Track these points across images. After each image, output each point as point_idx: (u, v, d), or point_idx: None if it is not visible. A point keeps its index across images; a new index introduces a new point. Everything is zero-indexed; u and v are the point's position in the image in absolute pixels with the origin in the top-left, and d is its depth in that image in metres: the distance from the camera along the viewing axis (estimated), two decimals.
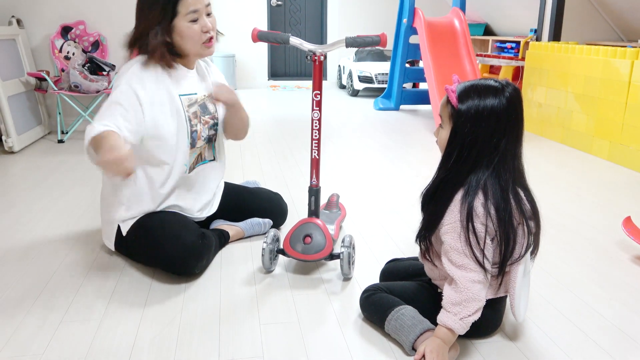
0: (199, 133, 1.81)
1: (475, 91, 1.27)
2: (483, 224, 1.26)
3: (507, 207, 1.28)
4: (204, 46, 1.74)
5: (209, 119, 1.86)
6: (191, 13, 1.67)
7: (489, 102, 1.25)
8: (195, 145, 1.80)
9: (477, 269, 1.26)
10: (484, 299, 1.27)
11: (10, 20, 3.70)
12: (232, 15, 6.90)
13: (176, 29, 1.68)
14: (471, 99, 1.26)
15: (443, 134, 1.33)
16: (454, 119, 1.28)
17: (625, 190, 2.77)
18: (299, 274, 1.78)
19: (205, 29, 1.71)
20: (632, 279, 1.77)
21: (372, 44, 1.76)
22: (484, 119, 1.25)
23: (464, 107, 1.26)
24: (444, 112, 1.32)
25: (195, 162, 1.85)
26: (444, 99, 1.33)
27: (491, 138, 1.25)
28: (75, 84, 3.57)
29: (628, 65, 3.16)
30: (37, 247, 1.98)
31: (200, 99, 1.84)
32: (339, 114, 5.09)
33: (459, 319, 1.26)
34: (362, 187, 2.76)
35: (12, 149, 3.32)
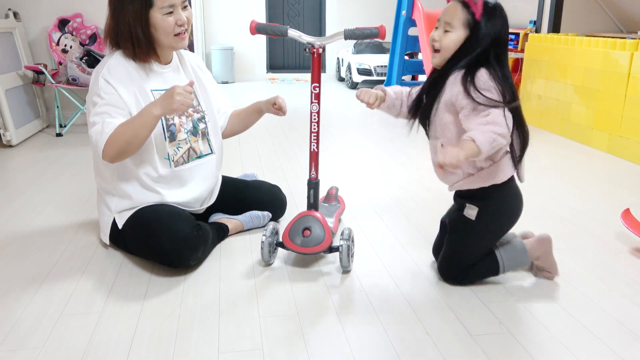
0: (178, 126, 1.80)
1: (493, 9, 1.48)
2: (491, 86, 1.45)
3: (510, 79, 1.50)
4: (177, 38, 1.73)
5: (192, 111, 1.87)
6: (166, 7, 1.67)
7: (499, 22, 1.48)
8: (175, 138, 1.79)
9: (501, 121, 1.40)
10: (507, 134, 1.41)
11: (7, 13, 3.68)
12: (231, 8, 6.87)
13: (151, 20, 1.67)
14: (493, 18, 1.47)
15: (454, 38, 1.49)
16: (474, 30, 1.47)
17: (625, 183, 2.77)
18: (298, 267, 1.78)
19: (180, 22, 1.71)
20: (632, 271, 1.77)
21: (371, 36, 1.75)
22: (496, 35, 1.48)
23: (487, 25, 1.46)
24: (457, 18, 1.48)
25: (187, 156, 1.84)
26: (457, 4, 1.48)
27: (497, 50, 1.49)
28: (73, 77, 3.56)
29: (627, 56, 3.15)
30: (36, 240, 1.97)
31: None
32: (338, 106, 5.08)
33: (482, 131, 1.38)
34: (361, 179, 2.76)
35: (10, 142, 3.32)
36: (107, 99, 1.64)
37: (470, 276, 1.65)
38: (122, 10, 1.66)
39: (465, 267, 1.63)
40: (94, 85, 1.68)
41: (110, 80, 1.66)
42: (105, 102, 1.64)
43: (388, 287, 1.66)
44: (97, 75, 1.68)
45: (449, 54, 1.51)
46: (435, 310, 1.52)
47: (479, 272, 1.65)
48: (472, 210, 1.61)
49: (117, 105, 1.65)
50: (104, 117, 1.63)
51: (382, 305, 1.55)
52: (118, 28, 1.68)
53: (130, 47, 1.69)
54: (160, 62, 1.80)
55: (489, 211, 1.60)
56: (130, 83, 1.70)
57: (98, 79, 1.67)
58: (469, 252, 1.63)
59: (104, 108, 1.63)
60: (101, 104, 1.64)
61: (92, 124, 1.64)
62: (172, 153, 1.79)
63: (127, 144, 1.61)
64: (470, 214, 1.61)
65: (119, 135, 1.60)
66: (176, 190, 1.83)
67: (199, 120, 1.88)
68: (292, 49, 7.37)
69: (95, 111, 1.64)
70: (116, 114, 1.64)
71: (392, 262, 1.82)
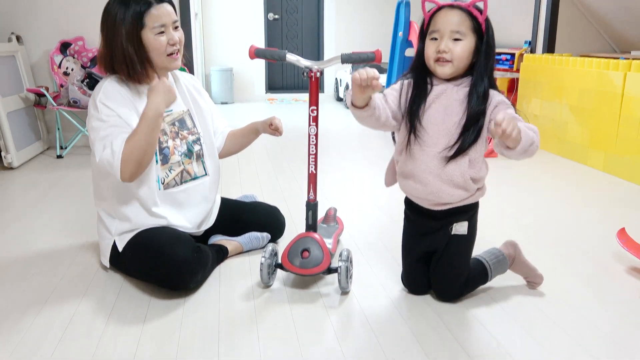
0: (172, 149, 1.82)
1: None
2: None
3: None
4: (170, 58, 1.76)
5: (187, 134, 1.89)
6: (158, 26, 1.70)
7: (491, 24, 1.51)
8: (167, 161, 1.81)
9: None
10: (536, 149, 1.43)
11: (10, 37, 3.73)
12: (230, 29, 6.96)
13: (143, 41, 1.71)
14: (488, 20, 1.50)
15: (466, 46, 1.47)
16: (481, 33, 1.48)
17: (621, 202, 2.79)
18: (297, 288, 1.79)
19: (172, 41, 1.74)
20: (628, 290, 1.79)
21: (367, 60, 1.79)
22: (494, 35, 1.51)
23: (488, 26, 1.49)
24: (465, 25, 1.47)
25: (180, 179, 1.86)
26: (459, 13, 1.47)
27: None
28: (74, 100, 3.60)
29: (621, 77, 3.20)
30: (37, 263, 1.99)
31: (178, 115, 1.87)
32: (336, 126, 5.12)
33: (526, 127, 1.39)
34: (359, 200, 2.78)
35: (11, 164, 3.34)
36: (108, 121, 1.67)
37: (465, 292, 1.70)
38: (115, 34, 1.69)
39: (465, 281, 1.67)
40: (93, 111, 1.70)
41: (108, 104, 1.68)
42: (107, 124, 1.66)
43: (386, 308, 1.67)
44: (94, 101, 1.71)
45: (462, 62, 1.49)
46: (434, 332, 1.53)
47: (473, 282, 1.70)
48: (462, 226, 1.62)
49: (119, 125, 1.67)
50: (111, 139, 1.65)
51: (380, 327, 1.56)
52: (112, 52, 1.71)
53: (125, 70, 1.72)
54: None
55: (473, 220, 1.65)
56: (126, 103, 1.72)
57: (96, 104, 1.69)
58: (466, 266, 1.67)
59: (107, 131, 1.66)
60: (104, 127, 1.66)
61: (101, 149, 1.65)
62: (163, 176, 1.81)
63: (142, 153, 1.64)
64: (460, 230, 1.62)
65: (130, 149, 1.62)
66: (172, 212, 1.84)
67: (194, 142, 1.91)
68: (291, 69, 7.45)
69: (99, 136, 1.66)
70: (120, 134, 1.66)
71: (390, 283, 1.83)
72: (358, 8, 7.20)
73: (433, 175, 1.55)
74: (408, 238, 1.74)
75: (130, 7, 1.68)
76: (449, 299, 1.68)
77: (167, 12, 1.73)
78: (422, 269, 1.71)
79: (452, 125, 1.52)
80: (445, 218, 1.62)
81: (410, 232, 1.74)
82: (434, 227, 1.65)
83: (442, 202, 1.58)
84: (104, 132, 1.66)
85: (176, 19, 1.77)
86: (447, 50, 1.47)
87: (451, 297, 1.68)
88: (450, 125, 1.52)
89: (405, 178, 1.64)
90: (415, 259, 1.71)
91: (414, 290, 1.74)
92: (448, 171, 1.53)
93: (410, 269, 1.74)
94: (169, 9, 1.75)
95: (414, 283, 1.74)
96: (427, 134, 1.54)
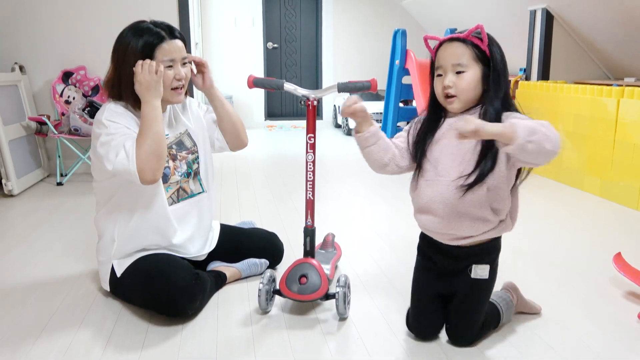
0: (172, 169, 1.85)
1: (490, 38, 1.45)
2: None
3: None
4: (173, 92, 1.79)
5: (187, 154, 1.91)
6: (167, 61, 1.74)
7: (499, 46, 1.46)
8: (167, 180, 1.84)
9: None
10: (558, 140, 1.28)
11: (13, 67, 3.80)
12: (230, 58, 7.06)
13: None
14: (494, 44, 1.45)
15: (470, 77, 1.42)
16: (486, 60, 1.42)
17: (617, 226, 2.80)
18: (295, 314, 1.79)
19: (179, 76, 1.77)
20: (625, 315, 1.79)
21: (363, 89, 1.82)
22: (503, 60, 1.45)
23: (494, 51, 1.43)
24: (465, 56, 1.42)
25: (177, 196, 1.88)
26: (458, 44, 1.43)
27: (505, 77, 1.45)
28: (75, 128, 3.64)
29: (614, 103, 3.25)
30: (36, 289, 1.99)
31: (175, 138, 1.90)
32: (334, 152, 5.17)
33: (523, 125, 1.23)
34: (357, 226, 2.79)
35: (12, 192, 3.36)
36: (118, 132, 1.67)
37: (480, 336, 1.60)
38: (125, 60, 1.72)
39: (481, 325, 1.58)
40: (100, 128, 1.69)
41: (114, 119, 1.70)
42: (118, 135, 1.66)
43: (385, 334, 1.67)
44: (99, 121, 1.71)
45: (469, 94, 1.43)
46: (432, 358, 1.53)
47: (487, 327, 1.61)
48: (483, 270, 1.51)
49: (129, 134, 1.68)
50: (124, 143, 1.64)
51: (378, 353, 1.55)
52: (120, 78, 1.74)
53: (130, 96, 1.75)
54: None
55: (495, 263, 1.55)
56: (131, 122, 1.74)
57: (102, 122, 1.69)
58: (483, 311, 1.57)
59: (118, 139, 1.65)
60: (115, 138, 1.65)
61: (114, 156, 1.63)
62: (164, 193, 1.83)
63: (157, 147, 1.65)
64: (481, 274, 1.51)
65: (143, 148, 1.62)
66: (171, 231, 1.85)
67: (193, 161, 1.94)
68: (290, 97, 7.54)
69: (112, 146, 1.65)
70: (131, 139, 1.66)
71: (388, 309, 1.84)
72: (355, 37, 7.33)
73: (450, 206, 1.45)
74: (422, 277, 1.62)
75: (143, 37, 1.72)
76: (464, 345, 1.58)
77: (177, 48, 1.76)
78: (435, 312, 1.59)
79: (466, 151, 1.44)
80: (466, 259, 1.51)
81: (424, 271, 1.62)
82: (452, 269, 1.55)
83: (462, 235, 1.48)
84: (115, 142, 1.65)
85: (185, 55, 1.80)
86: (452, 84, 1.43)
87: (467, 343, 1.58)
88: (464, 151, 1.44)
89: (421, 213, 1.55)
90: (429, 300, 1.59)
91: (421, 334, 1.61)
92: (465, 201, 1.43)
93: (421, 311, 1.61)
94: (180, 45, 1.78)
95: (424, 327, 1.61)
96: (441, 163, 1.48)
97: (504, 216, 1.49)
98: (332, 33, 7.30)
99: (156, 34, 1.73)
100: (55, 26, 3.92)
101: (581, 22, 4.62)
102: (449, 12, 6.33)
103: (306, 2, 7.34)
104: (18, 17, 3.87)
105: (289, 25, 7.39)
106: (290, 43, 7.44)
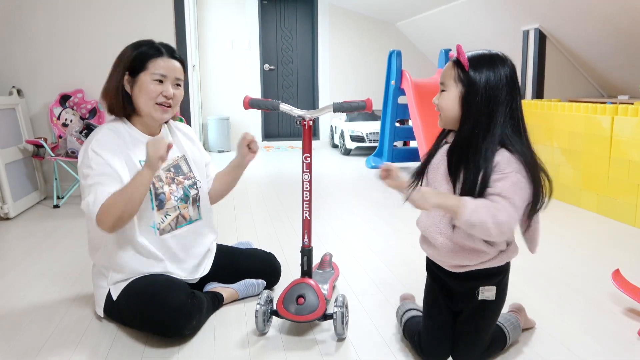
0: (168, 194, 1.83)
1: (487, 59, 1.41)
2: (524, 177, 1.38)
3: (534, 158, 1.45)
4: (157, 107, 1.78)
5: (183, 179, 1.91)
6: (158, 74, 1.75)
7: (500, 71, 1.40)
8: (163, 206, 1.82)
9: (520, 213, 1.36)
10: (502, 233, 1.31)
11: (11, 91, 3.82)
12: (227, 80, 7.12)
13: (138, 81, 1.76)
14: (483, 66, 1.40)
15: (449, 97, 1.43)
16: (465, 82, 1.40)
17: (615, 242, 2.80)
18: (293, 335, 1.77)
19: (166, 93, 1.77)
20: (625, 332, 1.78)
21: (358, 109, 1.83)
22: (497, 85, 1.39)
23: (478, 74, 1.39)
24: (448, 76, 1.43)
25: (175, 223, 1.86)
26: (449, 64, 1.45)
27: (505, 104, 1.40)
28: (72, 150, 3.65)
29: (609, 120, 3.28)
30: (31, 312, 1.97)
31: (173, 161, 1.90)
32: (332, 172, 5.18)
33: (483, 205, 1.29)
34: (355, 245, 2.78)
35: (8, 215, 3.35)
36: (97, 169, 1.67)
37: (486, 353, 1.57)
38: (117, 68, 1.77)
39: (486, 347, 1.56)
40: (84, 157, 1.72)
41: (98, 151, 1.69)
42: (96, 172, 1.67)
43: (384, 354, 1.65)
44: (86, 147, 1.72)
45: (449, 113, 1.44)
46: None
47: (494, 349, 1.59)
48: (490, 292, 1.50)
49: (108, 174, 1.68)
50: (97, 187, 1.65)
51: None
52: (110, 85, 1.78)
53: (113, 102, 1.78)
54: (145, 132, 1.84)
55: (503, 284, 1.54)
56: (119, 152, 1.74)
57: (87, 150, 1.71)
58: (489, 332, 1.55)
59: (95, 179, 1.66)
60: (92, 175, 1.67)
61: (86, 195, 1.67)
62: (159, 221, 1.81)
63: (124, 207, 1.62)
64: (488, 295, 1.50)
65: (113, 201, 1.62)
66: (167, 257, 1.84)
67: (190, 186, 1.93)
68: (286, 118, 7.58)
69: (87, 183, 1.67)
70: (108, 182, 1.66)
71: (387, 329, 1.82)
72: (351, 58, 7.41)
73: (444, 236, 1.47)
74: (432, 296, 1.61)
75: (141, 48, 1.76)
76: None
77: (172, 67, 1.78)
78: (448, 329, 1.56)
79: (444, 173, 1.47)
80: (472, 280, 1.50)
81: (435, 290, 1.60)
82: (460, 289, 1.54)
83: (461, 264, 1.48)
84: (91, 180, 1.67)
85: (180, 77, 1.81)
86: (436, 102, 1.48)
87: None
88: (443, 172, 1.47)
89: (422, 241, 1.58)
90: (442, 318, 1.57)
91: (434, 354, 1.56)
92: (458, 232, 1.43)
93: (433, 331, 1.57)
94: (176, 65, 1.79)
95: (436, 346, 1.56)
96: (430, 183, 1.51)
97: (503, 247, 1.48)
98: (328, 54, 7.37)
99: (155, 48, 1.77)
100: (52, 49, 3.95)
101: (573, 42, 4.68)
102: (443, 33, 6.42)
103: (302, 24, 7.44)
104: (16, 40, 3.90)
105: (285, 47, 7.46)
106: (287, 65, 7.51)
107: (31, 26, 3.91)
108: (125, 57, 1.78)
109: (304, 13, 7.40)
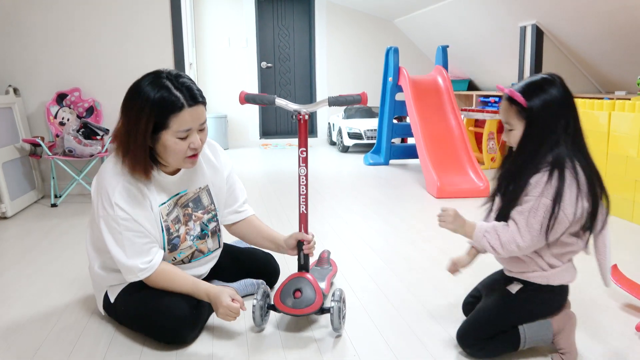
0: (183, 236, 1.77)
1: (537, 87, 1.43)
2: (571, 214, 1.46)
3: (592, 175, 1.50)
4: (187, 160, 1.65)
5: (202, 213, 1.83)
6: (182, 131, 1.58)
7: (552, 92, 1.42)
8: (176, 248, 1.77)
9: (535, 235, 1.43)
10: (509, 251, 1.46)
11: (8, 90, 3.81)
12: (224, 77, 7.11)
13: (162, 140, 1.59)
14: (537, 95, 1.42)
15: (517, 134, 1.47)
16: (527, 115, 1.43)
17: (613, 238, 2.79)
18: (291, 332, 1.77)
19: (193, 145, 1.62)
20: (623, 327, 1.78)
21: (354, 103, 1.83)
22: (554, 108, 1.42)
23: (534, 103, 1.42)
24: (511, 115, 1.46)
25: (191, 257, 1.83)
26: (505, 103, 1.48)
27: (564, 122, 1.43)
28: (69, 149, 3.64)
29: (606, 116, 3.28)
30: (29, 311, 1.96)
31: (193, 194, 1.81)
32: (330, 170, 5.18)
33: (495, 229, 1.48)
34: (353, 242, 2.78)
35: (5, 214, 3.34)
36: (124, 225, 1.61)
37: (486, 349, 1.55)
38: (137, 123, 1.55)
39: (484, 338, 1.54)
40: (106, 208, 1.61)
41: (123, 206, 1.60)
42: (123, 228, 1.61)
43: (381, 350, 1.65)
44: (108, 197, 1.60)
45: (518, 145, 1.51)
46: None
47: (497, 346, 1.55)
48: (515, 286, 1.56)
49: (137, 230, 1.63)
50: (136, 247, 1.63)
51: None
52: (129, 139, 1.58)
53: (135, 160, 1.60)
54: (168, 172, 1.73)
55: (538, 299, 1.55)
56: (139, 204, 1.64)
57: (111, 202, 1.60)
58: (493, 323, 1.54)
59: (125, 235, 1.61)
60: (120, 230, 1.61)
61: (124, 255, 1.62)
62: (170, 259, 1.78)
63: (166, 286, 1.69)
64: (512, 288, 1.56)
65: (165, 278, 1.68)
66: None
67: (210, 220, 1.86)
68: (284, 115, 7.57)
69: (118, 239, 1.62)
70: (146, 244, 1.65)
71: (385, 325, 1.82)
72: (348, 55, 7.40)
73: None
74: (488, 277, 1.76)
75: (163, 102, 1.54)
76: (459, 338, 1.58)
77: (197, 116, 1.60)
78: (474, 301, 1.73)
79: None
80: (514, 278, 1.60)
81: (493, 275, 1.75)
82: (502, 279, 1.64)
83: (507, 268, 1.60)
84: (120, 235, 1.61)
85: (204, 119, 1.64)
86: (506, 139, 1.52)
87: (459, 337, 1.58)
88: None
89: None
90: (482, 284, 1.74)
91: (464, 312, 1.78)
92: None
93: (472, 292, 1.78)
94: (201, 111, 1.61)
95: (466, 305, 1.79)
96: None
97: (545, 267, 1.53)
98: (325, 51, 7.37)
99: (179, 99, 1.55)
100: (49, 48, 3.94)
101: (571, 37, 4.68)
102: (440, 30, 6.42)
103: (299, 21, 7.43)
104: (12, 38, 3.89)
105: (283, 45, 7.45)
106: (284, 62, 7.50)
107: (27, 24, 3.90)
108: (146, 110, 1.54)
109: (301, 10, 7.39)
